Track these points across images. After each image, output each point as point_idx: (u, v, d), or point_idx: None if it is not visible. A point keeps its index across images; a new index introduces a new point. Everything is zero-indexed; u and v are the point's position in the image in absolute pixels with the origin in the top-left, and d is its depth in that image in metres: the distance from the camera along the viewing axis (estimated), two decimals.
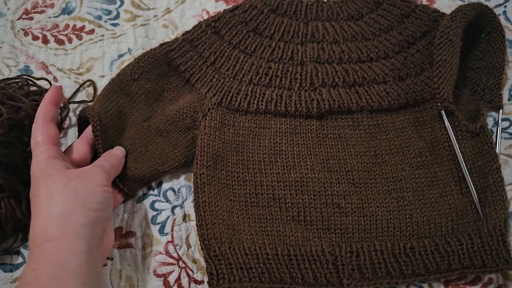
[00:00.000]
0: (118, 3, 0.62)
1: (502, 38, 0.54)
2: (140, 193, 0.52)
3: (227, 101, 0.53)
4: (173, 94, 0.55)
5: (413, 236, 0.49)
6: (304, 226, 0.49)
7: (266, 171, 0.51)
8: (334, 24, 0.57)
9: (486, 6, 0.54)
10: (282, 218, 0.50)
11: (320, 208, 0.50)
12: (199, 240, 0.48)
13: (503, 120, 0.54)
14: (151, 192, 0.52)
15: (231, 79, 0.54)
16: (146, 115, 0.54)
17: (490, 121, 0.54)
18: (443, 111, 0.51)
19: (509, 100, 0.54)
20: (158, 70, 0.55)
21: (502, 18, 0.57)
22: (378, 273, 0.47)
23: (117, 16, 0.61)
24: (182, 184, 0.52)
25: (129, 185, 0.50)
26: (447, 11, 0.58)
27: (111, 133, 0.51)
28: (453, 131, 0.51)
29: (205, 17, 0.61)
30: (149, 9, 0.62)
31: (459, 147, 0.51)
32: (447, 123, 0.51)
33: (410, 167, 0.51)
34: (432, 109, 0.53)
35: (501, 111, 0.54)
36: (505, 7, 0.58)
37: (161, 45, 0.56)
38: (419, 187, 0.50)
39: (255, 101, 0.53)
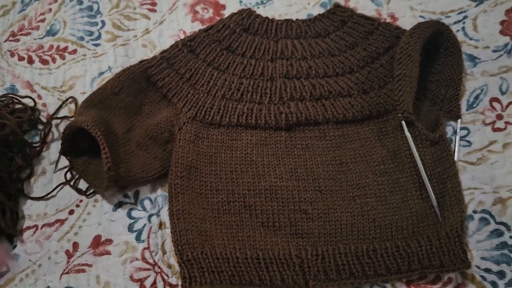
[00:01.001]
0: (100, 24, 0.68)
1: (459, 52, 0.59)
2: (116, 201, 0.56)
3: (201, 115, 0.58)
4: (151, 108, 0.60)
5: (376, 239, 0.53)
6: (273, 231, 0.54)
7: (238, 180, 0.56)
8: (303, 41, 0.63)
9: (443, 23, 0.60)
10: (252, 224, 0.54)
11: (288, 214, 0.54)
12: (173, 246, 0.52)
13: (461, 129, 0.59)
14: (127, 200, 0.57)
15: (205, 94, 0.60)
16: (126, 128, 0.59)
17: (449, 130, 0.59)
18: (403, 121, 0.56)
19: (467, 110, 0.60)
20: (137, 85, 0.60)
21: (461, 34, 0.63)
22: (342, 274, 0.51)
23: (99, 37, 0.67)
24: (158, 194, 0.57)
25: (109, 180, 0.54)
26: (409, 28, 0.64)
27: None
28: (413, 140, 0.56)
29: (182, 36, 0.66)
30: (129, 30, 0.67)
31: (419, 155, 0.55)
32: (407, 133, 0.56)
33: (373, 174, 0.56)
34: (394, 120, 0.58)
35: (459, 120, 0.59)
36: (463, 23, 0.64)
37: (141, 62, 0.61)
38: (381, 193, 0.55)
39: (228, 115, 0.58)
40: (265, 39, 0.63)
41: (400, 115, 0.56)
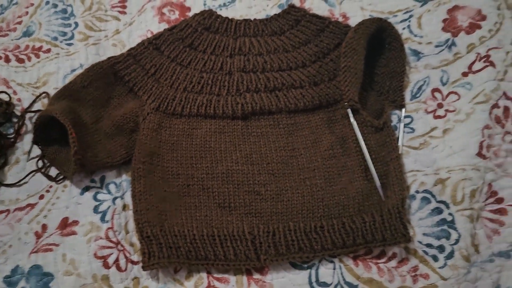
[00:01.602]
0: (73, 25, 0.73)
1: (401, 46, 0.65)
2: (84, 185, 0.61)
3: (164, 106, 0.63)
4: (118, 101, 0.65)
5: (324, 217, 0.58)
6: (228, 211, 0.58)
7: (197, 165, 0.61)
8: (259, 39, 0.68)
9: (385, 20, 0.65)
10: (209, 205, 0.59)
11: (243, 195, 0.59)
12: (134, 224, 0.57)
13: (405, 117, 0.64)
14: (94, 185, 0.61)
15: (168, 87, 0.65)
16: (94, 118, 0.64)
17: (395, 119, 0.64)
18: (349, 109, 0.61)
19: (411, 99, 0.65)
20: (106, 79, 0.65)
21: (406, 31, 0.69)
22: (291, 249, 0.56)
23: (72, 37, 0.72)
24: (123, 179, 0.62)
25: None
26: None
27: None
28: (359, 126, 0.61)
29: (149, 36, 0.72)
30: (100, 30, 0.73)
31: (364, 140, 0.60)
32: (352, 120, 0.61)
33: (322, 158, 0.61)
34: (343, 109, 0.63)
35: (403, 109, 0.64)
36: (409, 21, 0.70)
37: (109, 58, 0.66)
38: (329, 175, 0.60)
39: (188, 106, 0.63)
40: (225, 37, 0.69)
41: (346, 103, 0.61)
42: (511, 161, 0.59)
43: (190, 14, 0.74)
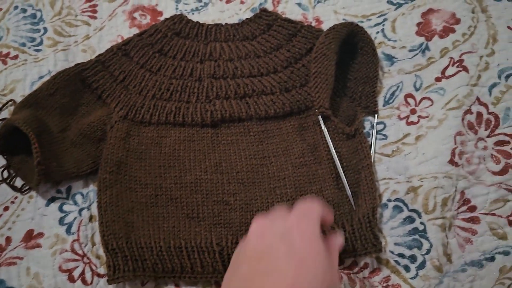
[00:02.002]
0: (42, 31, 0.72)
1: (373, 51, 0.64)
2: (49, 196, 0.60)
3: (132, 114, 0.62)
4: (86, 108, 0.64)
5: None
6: (197, 221, 0.57)
7: (165, 175, 0.60)
8: (231, 44, 0.67)
9: (356, 25, 0.64)
10: (177, 215, 0.58)
11: (212, 205, 0.58)
12: (100, 236, 0.56)
13: (378, 123, 0.63)
14: (60, 195, 0.60)
15: (137, 94, 0.64)
16: (61, 127, 0.62)
17: (367, 125, 0.63)
18: (320, 116, 0.60)
19: (384, 105, 0.64)
20: (73, 87, 0.64)
21: (380, 35, 0.68)
22: None
23: (41, 43, 0.71)
24: (90, 189, 0.61)
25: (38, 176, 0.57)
26: None
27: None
28: (330, 133, 0.60)
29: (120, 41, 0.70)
30: (70, 36, 0.71)
31: (336, 148, 0.59)
32: (323, 127, 0.60)
33: (293, 166, 0.60)
34: (314, 116, 0.62)
35: (376, 115, 0.63)
36: (383, 25, 0.68)
37: (76, 64, 0.65)
38: (300, 184, 0.59)
39: (157, 114, 0.62)
40: (195, 42, 0.67)
41: (317, 110, 0.60)
42: (484, 168, 0.58)
43: (162, 18, 0.72)
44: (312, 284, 0.39)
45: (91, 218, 0.59)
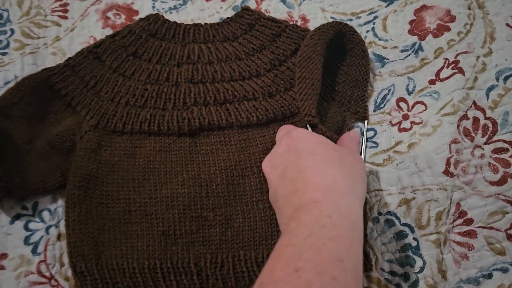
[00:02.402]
0: (9, 33, 0.67)
1: (364, 52, 0.60)
2: (14, 213, 0.55)
3: (104, 123, 0.58)
4: (55, 117, 0.60)
5: None
6: (174, 239, 0.53)
7: (139, 188, 0.56)
8: (210, 45, 0.63)
9: (345, 24, 0.60)
10: (152, 233, 0.54)
11: (189, 222, 0.54)
12: (68, 258, 0.52)
13: (368, 130, 0.59)
14: (25, 212, 0.56)
15: (109, 101, 0.59)
16: (27, 137, 0.58)
17: (357, 132, 0.59)
18: (308, 124, 0.56)
19: (374, 111, 0.60)
20: (40, 94, 0.59)
21: (370, 34, 0.63)
22: (241, 281, 0.51)
23: (7, 45, 0.66)
24: (59, 204, 0.56)
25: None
26: None
27: None
28: None
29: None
30: (38, 37, 0.67)
31: None
32: None
33: None
34: (301, 122, 0.58)
35: (366, 121, 0.59)
36: (373, 23, 0.64)
37: (43, 70, 0.61)
38: None
39: (130, 122, 0.58)
40: (172, 44, 0.63)
41: (304, 118, 0.56)
42: (481, 177, 0.54)
43: (138, 18, 0.68)
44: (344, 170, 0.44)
45: (59, 237, 0.55)
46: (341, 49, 0.61)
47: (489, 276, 0.51)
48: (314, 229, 0.37)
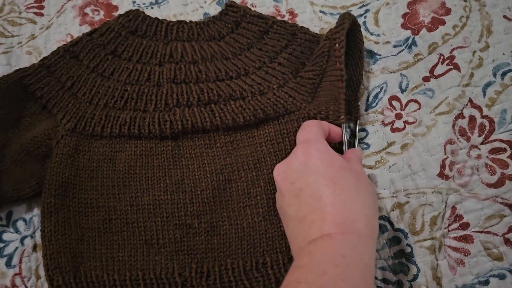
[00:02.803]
0: None
1: (361, 53, 0.57)
2: None
3: (82, 126, 0.56)
4: (30, 120, 0.57)
5: (267, 252, 0.51)
6: (157, 249, 0.52)
7: (120, 195, 0.54)
8: (194, 44, 0.60)
9: (356, 21, 0.56)
10: (134, 242, 0.52)
11: (173, 230, 0.52)
12: (44, 271, 0.50)
13: (359, 130, 0.57)
14: None
15: (87, 103, 0.57)
16: (0, 143, 0.55)
17: (348, 132, 0.57)
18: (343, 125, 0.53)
19: (366, 110, 0.58)
20: (13, 96, 0.57)
21: (362, 29, 0.61)
22: None
23: None
24: (35, 213, 0.54)
25: None
26: (309, 24, 0.62)
27: None
28: None
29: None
30: (13, 36, 0.64)
31: None
32: (345, 137, 0.54)
33: (265, 182, 0.54)
34: (298, 121, 0.55)
35: (358, 122, 0.57)
36: (365, 17, 0.62)
37: (16, 70, 0.58)
38: (273, 202, 0.53)
39: (109, 125, 0.55)
40: (154, 42, 0.61)
41: (340, 118, 0.53)
42: (477, 179, 0.53)
43: (118, 13, 0.65)
44: (352, 195, 0.43)
45: (35, 248, 0.53)
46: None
47: (486, 282, 0.50)
48: (328, 267, 0.37)
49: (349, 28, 0.56)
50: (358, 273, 0.38)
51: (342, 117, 0.52)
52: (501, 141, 0.54)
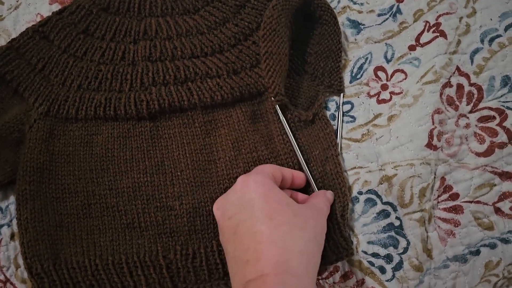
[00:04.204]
0: None
1: (334, 19, 0.58)
2: None
3: (55, 109, 0.56)
4: (1, 106, 0.58)
5: None
6: (139, 232, 0.53)
7: (98, 179, 0.55)
8: (169, 19, 0.61)
9: None
10: (116, 227, 0.53)
11: (154, 212, 0.53)
12: (22, 259, 0.51)
13: (344, 103, 0.58)
14: None
15: (60, 86, 0.57)
16: None
17: (333, 106, 0.58)
18: (277, 105, 0.55)
19: (351, 82, 0.59)
20: None
21: None
22: (215, 274, 0.51)
23: None
24: (11, 201, 0.55)
25: None
26: None
27: None
28: (288, 122, 0.55)
29: None
30: None
31: (295, 138, 0.55)
32: (282, 117, 0.55)
33: (245, 163, 0.55)
34: (268, 102, 0.57)
35: (342, 95, 0.58)
36: None
37: None
38: None
39: (84, 107, 0.56)
40: (127, 19, 0.61)
41: (273, 99, 0.55)
42: (466, 149, 0.54)
43: None
44: (288, 227, 0.43)
45: (12, 236, 0.54)
46: (310, 16, 0.60)
47: (477, 252, 0.52)
48: None
49: (309, 1, 0.58)
50: None
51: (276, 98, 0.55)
52: (490, 109, 0.55)
